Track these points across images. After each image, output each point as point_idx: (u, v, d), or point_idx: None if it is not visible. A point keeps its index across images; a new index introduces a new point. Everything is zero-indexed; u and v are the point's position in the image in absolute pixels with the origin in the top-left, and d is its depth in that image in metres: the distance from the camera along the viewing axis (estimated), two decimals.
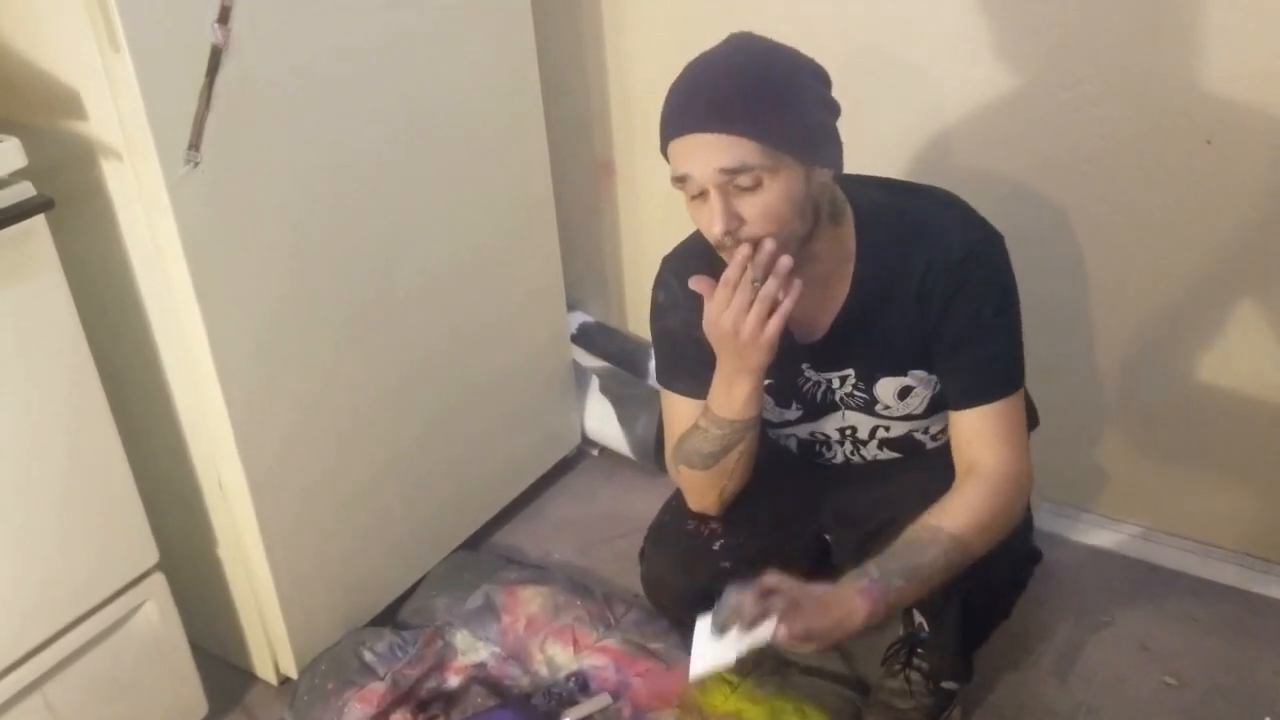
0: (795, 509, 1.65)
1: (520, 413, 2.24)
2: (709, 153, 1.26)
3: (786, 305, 1.32)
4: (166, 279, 1.55)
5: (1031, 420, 1.65)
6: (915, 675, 1.72)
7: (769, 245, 1.30)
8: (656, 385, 1.65)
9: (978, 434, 1.40)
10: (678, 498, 1.69)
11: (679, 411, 1.57)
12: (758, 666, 1.83)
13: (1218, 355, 1.86)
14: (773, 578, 1.29)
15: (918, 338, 1.42)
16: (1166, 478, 2.02)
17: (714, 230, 1.29)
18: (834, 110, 1.34)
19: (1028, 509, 1.57)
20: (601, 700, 1.80)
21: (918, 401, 1.48)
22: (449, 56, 1.85)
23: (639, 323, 2.54)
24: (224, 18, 1.46)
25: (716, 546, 1.62)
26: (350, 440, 1.86)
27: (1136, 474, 2.05)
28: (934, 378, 1.47)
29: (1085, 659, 1.86)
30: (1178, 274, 1.84)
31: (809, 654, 1.32)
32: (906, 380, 1.46)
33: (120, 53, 1.38)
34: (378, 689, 1.79)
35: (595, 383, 2.40)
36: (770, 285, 1.31)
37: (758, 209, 1.28)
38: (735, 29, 2.02)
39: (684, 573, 1.62)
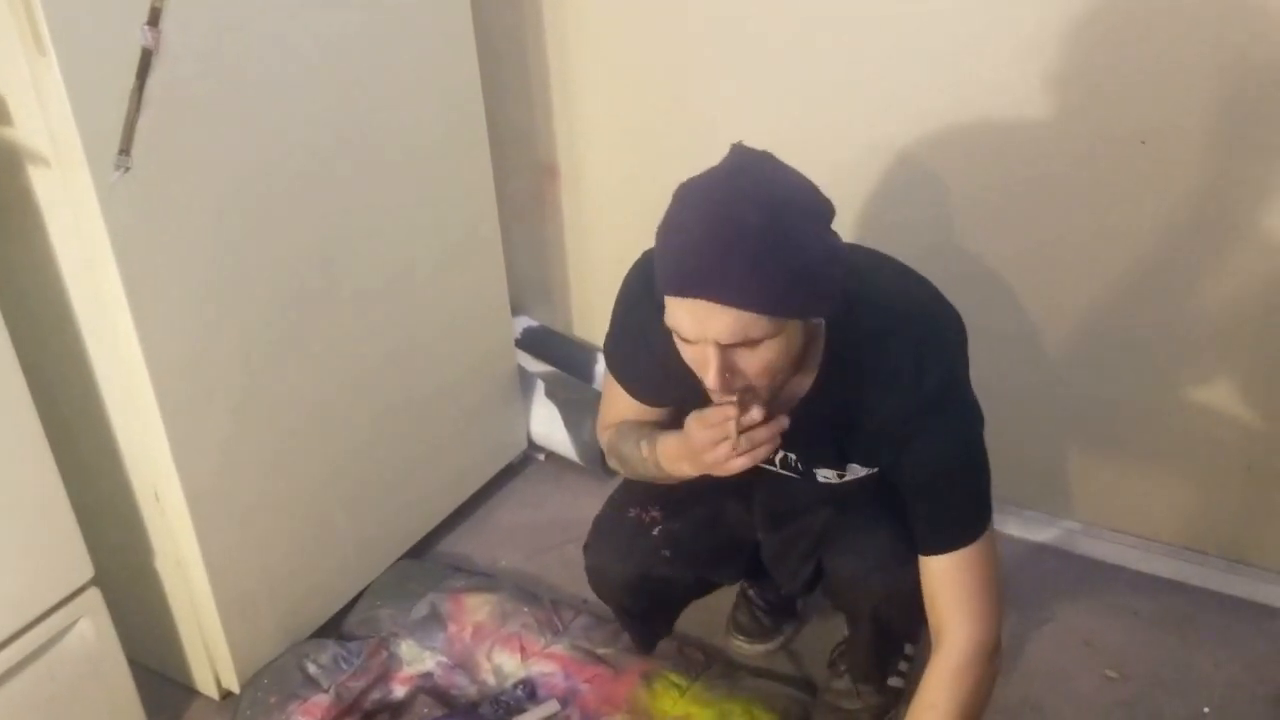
0: (733, 503, 1.65)
1: (465, 418, 2.22)
2: (714, 322, 1.19)
3: (761, 453, 1.31)
4: (98, 288, 1.52)
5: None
6: None
7: (775, 426, 1.30)
8: (602, 385, 1.64)
9: (942, 586, 1.39)
10: (621, 489, 1.70)
11: (616, 396, 1.56)
12: (706, 669, 1.84)
13: (1154, 353, 1.89)
14: None
15: (861, 451, 1.42)
16: (1106, 473, 2.05)
17: (707, 380, 1.25)
18: (838, 254, 1.24)
19: None
20: (550, 707, 1.79)
21: (852, 478, 1.49)
22: (387, 57, 1.83)
23: (585, 327, 2.54)
24: (154, 20, 1.43)
25: (656, 533, 1.62)
26: (290, 448, 1.83)
27: (1076, 470, 2.07)
28: (872, 469, 1.46)
29: (1028, 655, 1.88)
30: (1114, 273, 1.87)
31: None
32: (844, 472, 1.47)
33: (46, 56, 1.35)
34: (322, 702, 1.77)
35: (541, 387, 2.38)
36: (761, 450, 1.31)
37: (755, 365, 1.24)
38: (678, 31, 2.05)
39: (624, 559, 1.63)
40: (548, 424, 2.37)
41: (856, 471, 1.47)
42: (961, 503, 1.39)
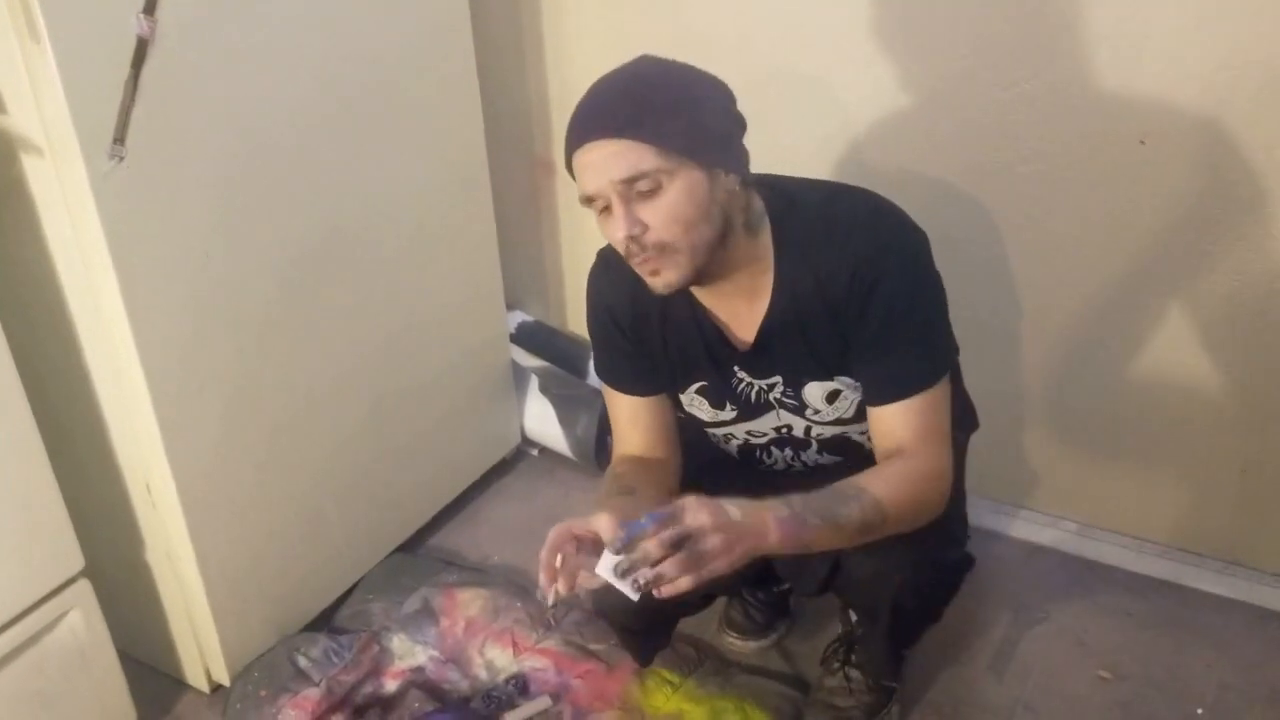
0: None
1: (458, 413, 2.21)
2: (604, 163, 1.26)
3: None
4: (91, 278, 1.51)
5: (971, 422, 1.66)
6: (854, 673, 1.72)
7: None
8: (597, 382, 1.63)
9: (896, 430, 1.38)
10: None
11: (616, 404, 1.57)
12: (699, 666, 1.83)
13: (1150, 353, 1.89)
14: (691, 516, 1.19)
15: (839, 343, 1.41)
16: (1101, 474, 2.04)
17: (617, 236, 1.29)
18: (736, 121, 1.33)
19: (964, 518, 1.58)
20: (542, 703, 1.78)
21: (846, 405, 1.48)
22: (383, 49, 1.82)
23: (579, 322, 2.53)
24: (150, 9, 1.42)
25: None
26: (283, 441, 1.82)
27: (1071, 471, 2.07)
28: (859, 383, 1.46)
29: (1022, 654, 1.87)
30: (1114, 272, 1.86)
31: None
32: (833, 385, 1.46)
33: (40, 44, 1.34)
34: (312, 695, 1.76)
35: (535, 382, 2.38)
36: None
37: (660, 214, 1.27)
38: (672, 24, 2.04)
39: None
40: (541, 419, 2.36)
41: (848, 385, 1.46)
42: (922, 346, 1.39)
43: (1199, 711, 1.75)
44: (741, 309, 1.43)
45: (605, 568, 1.21)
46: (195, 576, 1.74)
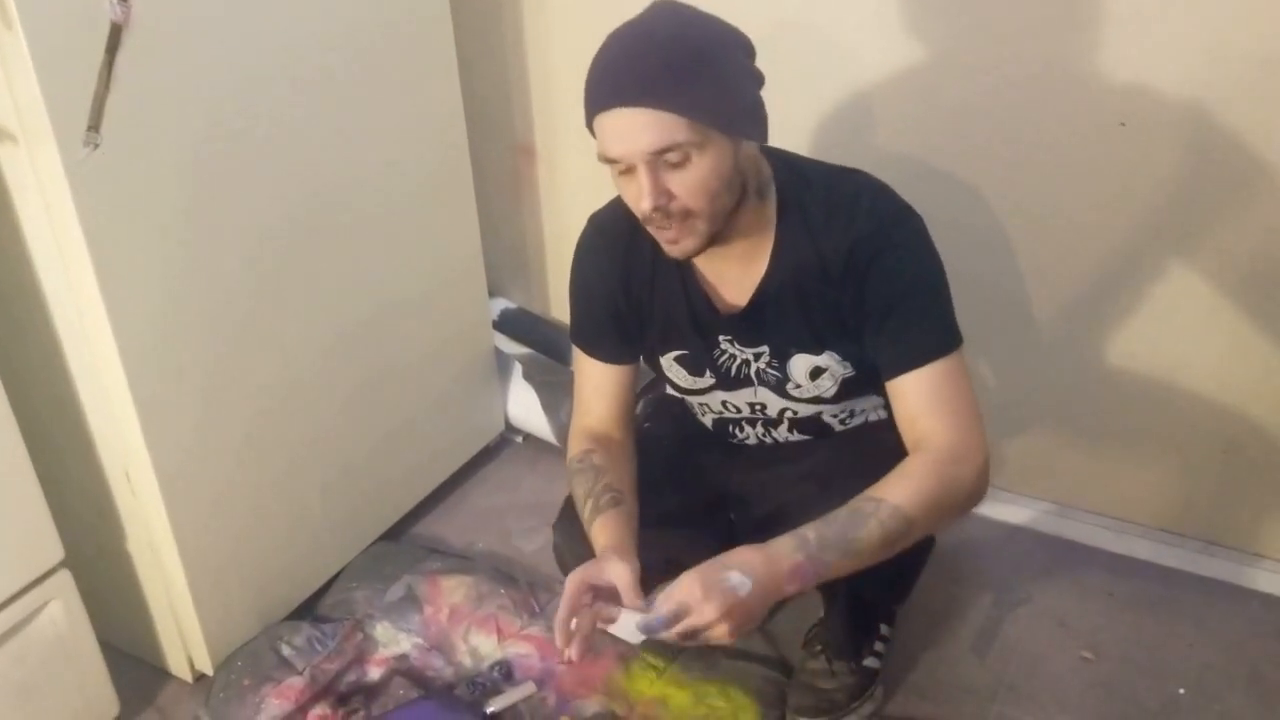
0: (704, 489, 1.65)
1: (442, 400, 2.21)
2: (636, 131, 1.24)
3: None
4: (67, 267, 1.50)
5: None
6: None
7: None
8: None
9: (917, 404, 1.37)
10: None
11: (585, 371, 1.58)
12: (682, 650, 1.84)
13: (1132, 334, 1.89)
14: (698, 612, 1.23)
15: (834, 316, 1.42)
16: (1083, 455, 2.05)
17: (642, 206, 1.28)
18: (759, 81, 1.33)
19: None
20: (526, 689, 1.78)
21: (829, 384, 1.49)
22: (362, 35, 1.81)
23: (562, 309, 2.52)
24: None
25: None
26: (264, 429, 1.81)
27: (1053, 451, 2.07)
28: (847, 362, 1.47)
29: (1004, 636, 1.88)
30: (1093, 254, 1.87)
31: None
32: (819, 360, 1.46)
33: (13, 30, 1.33)
34: (296, 684, 1.75)
35: (518, 369, 2.37)
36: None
37: (687, 184, 1.27)
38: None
39: (586, 542, 1.56)
40: (525, 406, 2.36)
41: (835, 361, 1.46)
42: (932, 314, 1.40)
43: (1181, 691, 1.76)
44: (735, 273, 1.43)
45: (626, 630, 1.27)
46: (177, 565, 1.73)
